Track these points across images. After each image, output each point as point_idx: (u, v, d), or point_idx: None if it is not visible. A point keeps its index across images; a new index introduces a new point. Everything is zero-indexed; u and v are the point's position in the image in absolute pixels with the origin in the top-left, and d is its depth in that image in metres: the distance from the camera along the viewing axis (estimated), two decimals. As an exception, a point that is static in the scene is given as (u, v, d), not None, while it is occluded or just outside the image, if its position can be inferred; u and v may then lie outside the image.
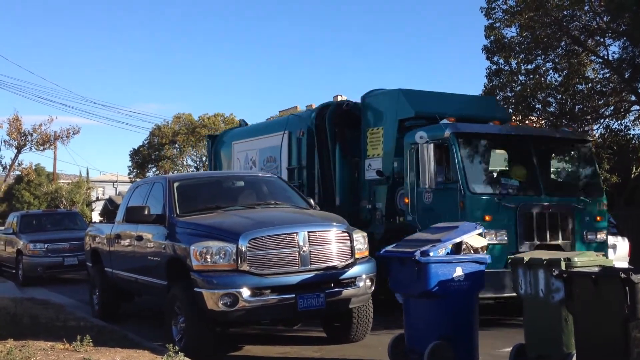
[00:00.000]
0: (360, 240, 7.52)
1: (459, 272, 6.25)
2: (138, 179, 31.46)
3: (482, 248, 6.54)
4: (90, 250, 10.78)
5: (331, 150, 11.37)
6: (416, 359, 6.36)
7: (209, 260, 6.87)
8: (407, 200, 9.80)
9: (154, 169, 42.87)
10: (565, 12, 18.82)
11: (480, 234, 6.65)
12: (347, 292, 7.18)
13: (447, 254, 6.35)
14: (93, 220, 30.34)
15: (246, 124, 15.19)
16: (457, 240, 6.45)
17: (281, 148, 12.28)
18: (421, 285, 6.22)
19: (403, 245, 6.78)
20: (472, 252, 6.51)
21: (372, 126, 10.94)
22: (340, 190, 11.18)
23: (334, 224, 7.50)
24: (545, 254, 6.18)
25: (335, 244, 7.23)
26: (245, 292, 6.73)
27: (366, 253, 7.60)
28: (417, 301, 6.41)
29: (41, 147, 31.61)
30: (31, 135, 30.97)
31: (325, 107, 11.86)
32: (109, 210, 20.25)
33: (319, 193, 11.42)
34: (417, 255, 6.20)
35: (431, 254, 6.23)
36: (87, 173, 50.25)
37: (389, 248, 6.86)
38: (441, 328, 6.26)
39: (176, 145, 42.22)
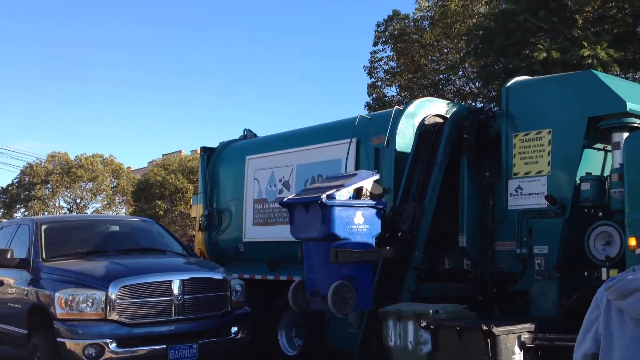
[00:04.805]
0: (238, 289, 7.45)
1: (359, 216, 6.66)
2: (4, 220, 29.51)
3: (379, 195, 6.90)
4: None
5: (444, 165, 7.81)
6: (319, 301, 6.58)
7: (74, 308, 6.52)
8: (635, 243, 6.28)
9: (22, 210, 40.51)
10: (441, 76, 20.14)
11: (376, 181, 7.00)
12: (221, 342, 7.04)
13: (350, 199, 6.68)
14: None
15: (255, 136, 11.24)
16: (359, 184, 6.80)
17: (346, 163, 8.49)
18: (325, 227, 6.51)
19: (304, 193, 7.08)
20: (370, 198, 6.88)
21: (524, 129, 7.41)
22: (469, 224, 7.61)
23: (211, 271, 7.42)
24: (414, 306, 6.39)
25: (211, 292, 7.11)
26: (113, 343, 6.44)
27: (243, 302, 7.52)
28: (320, 244, 6.64)
29: None
30: None
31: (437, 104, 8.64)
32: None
33: (411, 226, 7.68)
34: (323, 198, 6.46)
35: (336, 197, 6.54)
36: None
37: (292, 196, 7.16)
38: (343, 269, 6.52)
39: (49, 185, 40.22)
